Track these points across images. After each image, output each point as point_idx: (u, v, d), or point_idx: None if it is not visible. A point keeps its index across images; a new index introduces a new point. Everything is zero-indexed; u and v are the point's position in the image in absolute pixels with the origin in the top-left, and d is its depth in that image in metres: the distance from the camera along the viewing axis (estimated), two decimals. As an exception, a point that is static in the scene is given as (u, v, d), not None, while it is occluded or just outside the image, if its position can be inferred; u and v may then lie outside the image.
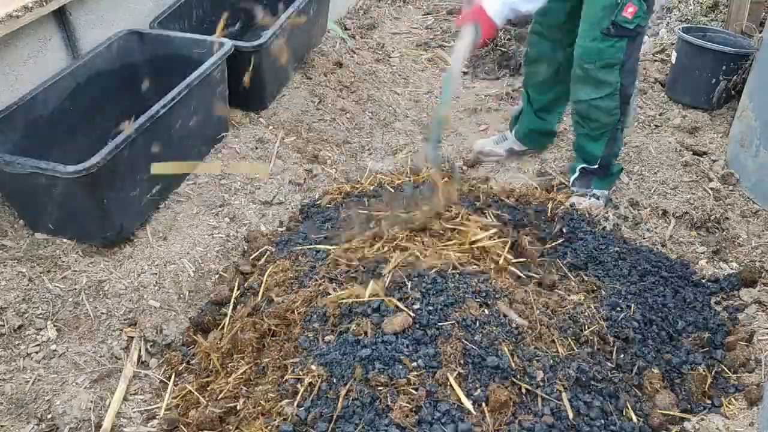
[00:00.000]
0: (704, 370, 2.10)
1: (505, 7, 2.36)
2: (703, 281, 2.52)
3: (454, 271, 2.04)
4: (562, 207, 2.74)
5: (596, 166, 2.82)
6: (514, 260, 2.27)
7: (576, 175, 2.89)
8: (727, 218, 2.85)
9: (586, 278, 2.34)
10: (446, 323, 1.86)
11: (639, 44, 2.59)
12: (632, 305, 2.21)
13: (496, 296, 1.99)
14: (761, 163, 2.92)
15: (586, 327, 2.04)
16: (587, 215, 2.73)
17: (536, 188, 2.96)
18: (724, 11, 4.09)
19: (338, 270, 2.15)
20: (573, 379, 1.84)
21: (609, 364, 1.99)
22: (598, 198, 2.85)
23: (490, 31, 2.38)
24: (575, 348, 1.97)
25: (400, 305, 1.91)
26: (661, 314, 2.26)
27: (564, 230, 2.57)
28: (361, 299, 1.95)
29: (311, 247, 2.35)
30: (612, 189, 2.94)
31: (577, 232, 2.59)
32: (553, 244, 2.51)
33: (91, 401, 2.01)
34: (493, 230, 2.30)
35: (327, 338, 1.92)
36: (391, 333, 1.84)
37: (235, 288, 2.37)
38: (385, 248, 2.16)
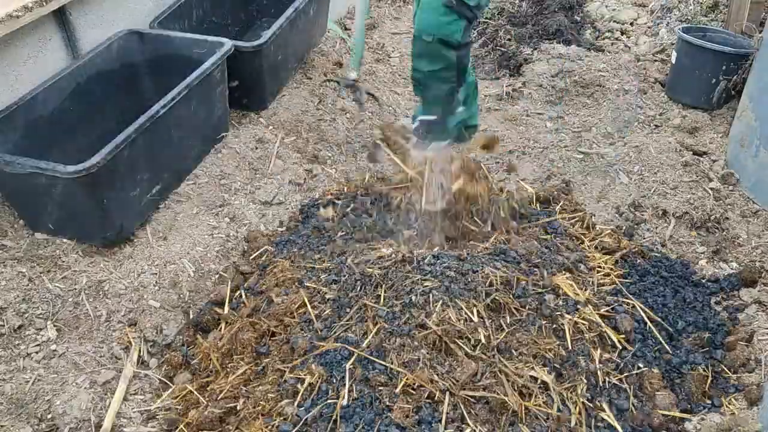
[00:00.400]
0: (704, 370, 2.10)
1: None
2: (703, 281, 2.52)
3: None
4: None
5: (433, 118, 2.74)
6: None
7: (416, 124, 2.81)
8: (727, 218, 2.85)
9: (586, 278, 2.34)
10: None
11: (470, 31, 2.59)
12: (632, 305, 2.21)
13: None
14: (761, 163, 2.92)
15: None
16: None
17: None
18: (724, 11, 4.09)
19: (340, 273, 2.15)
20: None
21: (609, 364, 1.99)
22: (437, 147, 2.77)
23: None
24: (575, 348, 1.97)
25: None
26: (661, 314, 2.27)
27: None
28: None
29: None
30: (452, 140, 2.83)
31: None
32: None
33: (91, 401, 2.01)
34: None
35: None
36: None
37: (229, 289, 2.36)
38: None
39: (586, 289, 2.18)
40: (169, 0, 3.22)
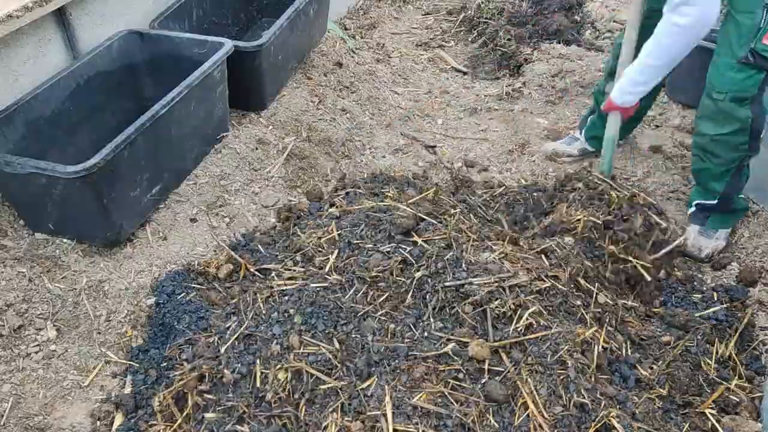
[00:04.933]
0: (704, 371, 2.10)
1: (628, 96, 2.54)
2: (703, 281, 2.52)
3: None
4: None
5: (715, 202, 2.60)
6: None
7: (692, 209, 2.65)
8: (728, 218, 2.85)
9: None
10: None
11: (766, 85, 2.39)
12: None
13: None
14: (761, 163, 2.92)
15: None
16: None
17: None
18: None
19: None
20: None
21: (609, 364, 2.00)
22: (716, 239, 2.63)
23: (630, 113, 2.66)
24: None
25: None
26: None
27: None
28: None
29: None
30: (731, 228, 2.68)
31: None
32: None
33: (91, 401, 2.01)
34: None
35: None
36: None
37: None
38: None
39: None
40: (169, 0, 3.22)
